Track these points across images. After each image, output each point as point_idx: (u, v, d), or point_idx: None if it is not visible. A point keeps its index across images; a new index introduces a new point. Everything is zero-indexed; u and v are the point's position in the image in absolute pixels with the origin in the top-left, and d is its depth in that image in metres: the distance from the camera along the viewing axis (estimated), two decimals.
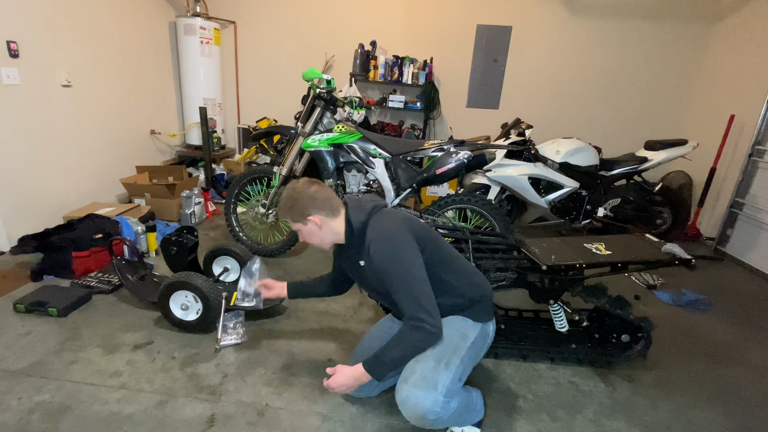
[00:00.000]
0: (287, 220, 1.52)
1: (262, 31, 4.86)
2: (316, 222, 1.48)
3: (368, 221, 1.47)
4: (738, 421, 1.79)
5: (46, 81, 3.06)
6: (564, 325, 2.02)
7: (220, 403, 1.67)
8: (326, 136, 2.80)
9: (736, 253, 3.69)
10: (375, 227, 1.45)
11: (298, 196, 1.48)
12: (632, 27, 4.43)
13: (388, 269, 1.38)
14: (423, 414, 1.35)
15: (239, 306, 2.23)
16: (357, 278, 1.64)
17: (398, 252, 1.39)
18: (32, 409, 1.58)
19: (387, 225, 1.44)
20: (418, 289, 1.36)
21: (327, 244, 1.56)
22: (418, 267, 1.39)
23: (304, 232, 1.53)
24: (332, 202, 1.50)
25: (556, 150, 3.33)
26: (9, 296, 2.32)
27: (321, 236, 1.52)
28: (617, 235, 2.23)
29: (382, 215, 1.49)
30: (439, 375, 1.38)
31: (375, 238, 1.42)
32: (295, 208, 1.48)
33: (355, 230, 1.47)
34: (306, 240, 1.55)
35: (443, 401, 1.36)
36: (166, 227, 3.28)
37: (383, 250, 1.39)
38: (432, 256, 1.46)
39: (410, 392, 1.36)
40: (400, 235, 1.42)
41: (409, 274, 1.37)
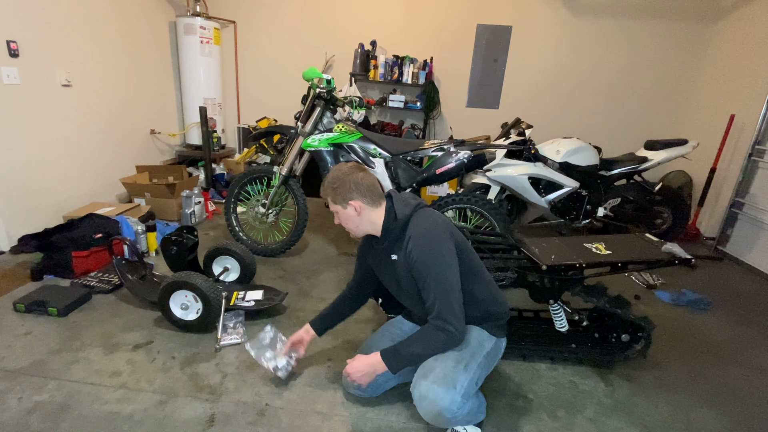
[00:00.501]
0: (328, 198, 1.51)
1: (262, 31, 4.86)
2: (356, 207, 1.47)
3: (412, 216, 1.47)
4: (738, 421, 1.79)
5: (46, 81, 3.06)
6: (564, 324, 2.02)
7: (220, 402, 1.67)
8: (326, 136, 2.80)
9: (736, 252, 3.69)
10: (418, 223, 1.45)
11: (345, 179, 1.47)
12: (632, 27, 4.43)
13: (426, 266, 1.38)
14: (440, 411, 1.36)
15: (239, 306, 2.23)
16: (383, 272, 1.62)
17: (439, 251, 1.40)
18: (32, 408, 1.58)
19: (431, 223, 1.44)
20: (451, 292, 1.37)
21: (361, 232, 1.55)
22: (454, 270, 1.41)
23: (341, 215, 1.52)
24: (375, 191, 1.50)
25: (556, 150, 3.33)
26: (9, 296, 2.32)
27: (357, 222, 1.51)
28: (617, 235, 2.23)
29: (426, 213, 1.49)
30: (458, 375, 1.40)
31: (417, 233, 1.42)
32: (338, 190, 1.47)
33: (398, 222, 1.47)
34: (342, 222, 1.54)
35: (460, 401, 1.37)
36: (166, 227, 3.28)
37: (425, 246, 1.40)
38: (464, 264, 1.47)
39: (430, 388, 1.37)
40: (442, 236, 1.42)
41: (446, 276, 1.38)
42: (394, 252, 1.50)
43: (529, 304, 2.30)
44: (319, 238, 3.50)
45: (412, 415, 1.68)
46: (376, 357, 1.43)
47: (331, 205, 1.52)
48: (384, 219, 1.50)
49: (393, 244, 1.50)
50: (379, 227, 1.51)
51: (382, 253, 1.57)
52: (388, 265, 1.55)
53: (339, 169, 1.51)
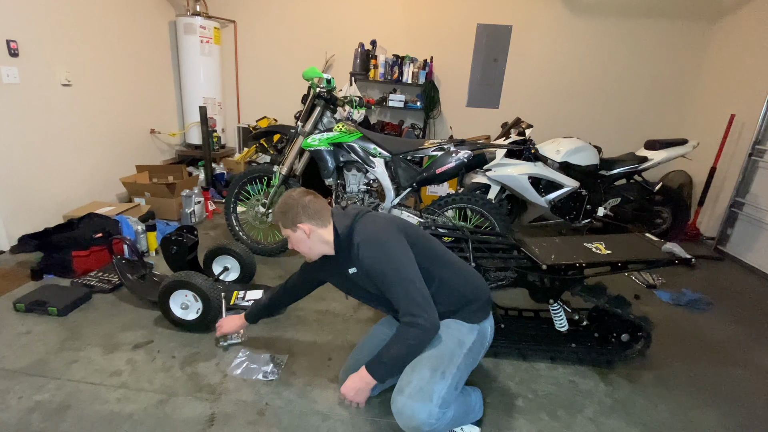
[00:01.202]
0: (278, 224, 1.55)
1: (262, 31, 4.86)
2: (304, 230, 1.51)
3: (353, 226, 1.50)
4: (738, 421, 1.79)
5: (46, 80, 3.06)
6: (564, 324, 2.02)
7: (220, 402, 1.67)
8: (326, 136, 2.80)
9: (736, 252, 3.69)
10: (361, 231, 1.47)
11: (292, 203, 1.51)
12: (632, 26, 4.43)
13: (380, 268, 1.40)
14: (418, 425, 1.35)
15: (240, 306, 2.23)
16: (346, 288, 1.66)
17: (387, 250, 1.41)
18: (32, 408, 1.58)
19: (373, 227, 1.47)
20: (410, 285, 1.38)
21: (315, 254, 1.58)
22: (408, 262, 1.41)
23: (293, 239, 1.56)
24: (323, 213, 1.53)
25: (556, 149, 3.33)
26: (9, 295, 2.32)
27: (309, 244, 1.54)
28: (617, 235, 2.23)
29: (366, 219, 1.51)
30: (434, 386, 1.38)
31: (363, 240, 1.44)
32: (287, 214, 1.51)
33: (341, 236, 1.50)
34: (294, 247, 1.59)
35: (438, 412, 1.36)
36: (166, 226, 3.28)
37: (372, 249, 1.42)
38: (423, 252, 1.48)
39: (405, 404, 1.36)
40: (387, 234, 1.44)
41: (400, 271, 1.39)
42: (351, 265, 1.52)
43: (529, 303, 2.29)
44: None
45: None
46: (362, 371, 1.44)
47: (282, 230, 1.55)
48: (333, 237, 1.53)
49: (346, 258, 1.52)
50: (331, 246, 1.54)
51: (339, 270, 1.58)
52: (349, 280, 1.57)
53: (288, 195, 1.55)
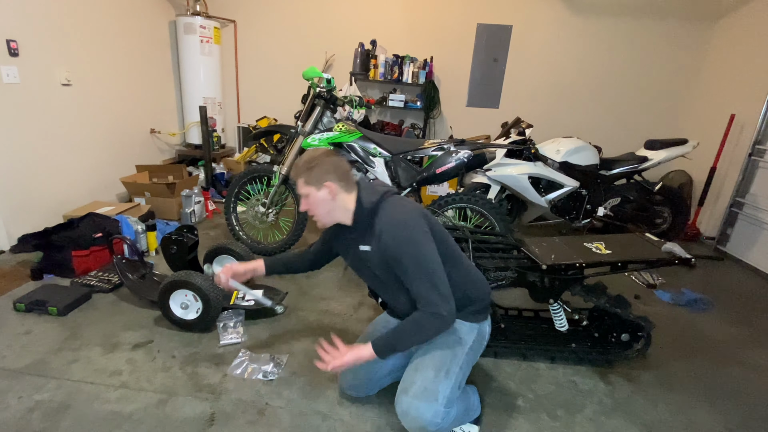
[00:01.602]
0: (299, 180, 1.42)
1: (262, 30, 4.86)
2: (330, 190, 1.40)
3: (380, 204, 1.42)
4: (738, 421, 1.79)
5: (45, 80, 3.06)
6: (564, 324, 2.02)
7: (220, 401, 1.67)
8: (326, 135, 2.80)
9: (736, 252, 3.69)
10: (388, 212, 1.40)
11: (321, 159, 1.40)
12: (633, 26, 4.43)
13: (404, 254, 1.33)
14: (424, 426, 1.35)
15: (240, 306, 2.23)
16: (354, 263, 1.57)
17: (414, 236, 1.35)
18: (32, 407, 1.58)
19: (401, 210, 1.39)
20: (434, 275, 1.33)
21: (331, 220, 1.47)
22: (432, 252, 1.36)
23: (313, 199, 1.43)
24: (350, 177, 1.44)
25: (557, 149, 3.33)
26: (9, 295, 2.32)
27: (329, 207, 1.43)
28: (617, 235, 2.23)
29: (394, 200, 1.44)
30: (439, 385, 1.38)
31: (389, 222, 1.37)
32: (314, 170, 1.39)
33: (364, 211, 1.42)
34: (310, 208, 1.46)
35: (444, 411, 1.36)
36: (166, 226, 3.28)
37: (399, 233, 1.35)
38: (440, 245, 1.41)
39: (411, 404, 1.35)
40: (416, 220, 1.37)
41: (426, 260, 1.34)
42: (365, 243, 1.44)
43: (529, 303, 2.29)
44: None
45: None
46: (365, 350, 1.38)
47: (302, 187, 1.42)
48: (354, 208, 1.44)
49: (363, 234, 1.44)
50: (350, 215, 1.45)
51: (351, 244, 1.50)
52: (359, 257, 1.49)
53: (314, 151, 1.45)
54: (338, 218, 1.47)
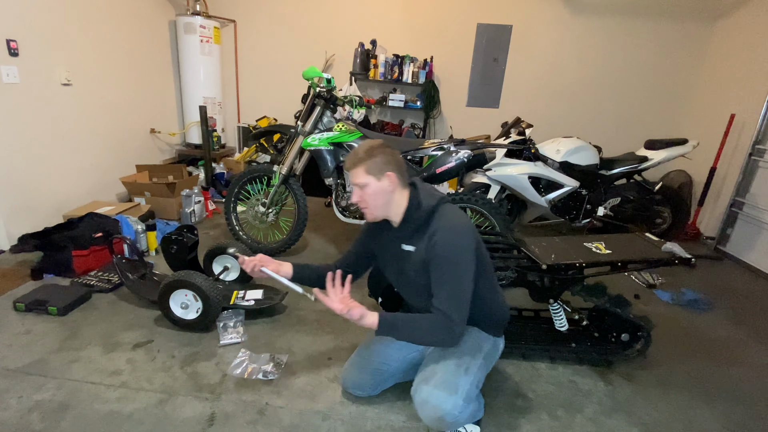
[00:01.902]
0: (359, 168, 1.37)
1: (262, 30, 4.86)
2: (392, 180, 1.38)
3: (438, 207, 1.42)
4: (738, 420, 1.79)
5: (45, 79, 3.06)
6: (564, 324, 2.02)
7: (220, 401, 1.67)
8: (326, 135, 2.80)
9: (736, 252, 3.69)
10: (447, 217, 1.39)
11: (383, 149, 1.38)
12: (633, 26, 4.43)
13: (448, 263, 1.34)
14: (442, 416, 1.35)
15: (240, 305, 2.23)
16: (389, 260, 1.55)
17: (463, 251, 1.36)
18: (32, 407, 1.58)
19: (459, 221, 1.39)
20: (464, 295, 1.35)
21: (384, 213, 1.44)
22: (471, 274, 1.37)
23: (371, 189, 1.38)
24: (405, 172, 1.42)
25: (557, 149, 3.33)
26: (9, 295, 2.32)
27: (387, 200, 1.40)
28: (617, 235, 2.23)
29: (452, 208, 1.44)
30: (459, 379, 1.39)
31: (446, 227, 1.36)
32: (376, 159, 1.36)
33: (422, 210, 1.40)
34: (366, 199, 1.40)
35: (462, 405, 1.37)
36: (166, 226, 3.28)
37: (451, 242, 1.34)
38: (479, 267, 1.43)
39: (431, 393, 1.36)
40: (469, 236, 1.38)
41: (464, 278, 1.35)
42: (411, 243, 1.44)
43: (529, 303, 2.29)
44: (319, 238, 3.50)
45: (412, 413, 1.68)
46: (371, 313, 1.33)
47: (361, 176, 1.37)
48: (407, 206, 1.42)
49: (411, 234, 1.43)
50: (401, 212, 1.43)
51: (392, 241, 1.50)
52: (398, 255, 1.49)
53: (371, 141, 1.41)
54: (391, 213, 1.44)
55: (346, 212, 2.96)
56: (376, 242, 1.62)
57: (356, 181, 1.40)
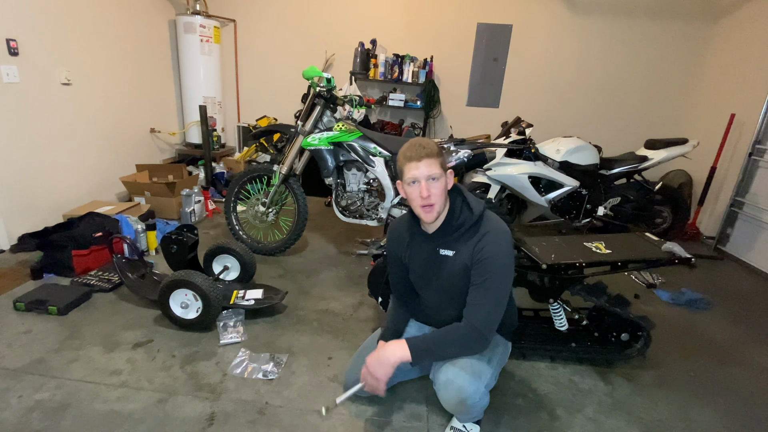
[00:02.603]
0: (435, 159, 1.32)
1: (262, 30, 4.85)
2: (450, 180, 1.38)
3: (484, 213, 1.41)
4: (737, 420, 1.79)
5: (45, 79, 3.06)
6: (564, 323, 2.02)
7: (220, 401, 1.67)
8: (326, 135, 2.80)
9: (736, 252, 3.69)
10: (493, 222, 1.39)
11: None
12: (633, 26, 4.43)
13: (494, 269, 1.33)
14: (465, 398, 1.36)
15: (239, 305, 2.23)
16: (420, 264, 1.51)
17: (509, 260, 1.37)
18: (32, 407, 1.58)
19: (504, 227, 1.39)
20: (502, 304, 1.36)
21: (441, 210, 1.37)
22: (510, 284, 1.39)
23: (441, 184, 1.34)
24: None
25: (557, 149, 3.33)
26: (9, 294, 2.32)
27: (445, 198, 1.37)
28: (617, 234, 2.23)
29: (494, 214, 1.44)
30: (483, 367, 1.41)
31: (496, 232, 1.36)
32: (443, 155, 1.36)
33: (473, 216, 1.38)
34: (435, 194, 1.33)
35: (483, 392, 1.38)
36: (166, 225, 3.28)
37: (502, 249, 1.34)
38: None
39: (458, 374, 1.36)
40: (512, 243, 1.39)
41: (505, 287, 1.36)
42: (451, 247, 1.41)
43: (529, 303, 2.29)
44: (319, 237, 3.50)
45: (412, 413, 1.68)
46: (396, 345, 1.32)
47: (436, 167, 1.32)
48: (449, 209, 1.40)
49: (454, 238, 1.40)
50: (443, 215, 1.40)
51: (426, 247, 1.47)
52: (432, 260, 1.46)
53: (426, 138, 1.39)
54: (441, 212, 1.39)
55: (346, 212, 2.96)
56: (404, 248, 1.57)
57: (430, 172, 1.32)
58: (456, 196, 1.44)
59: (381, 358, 1.34)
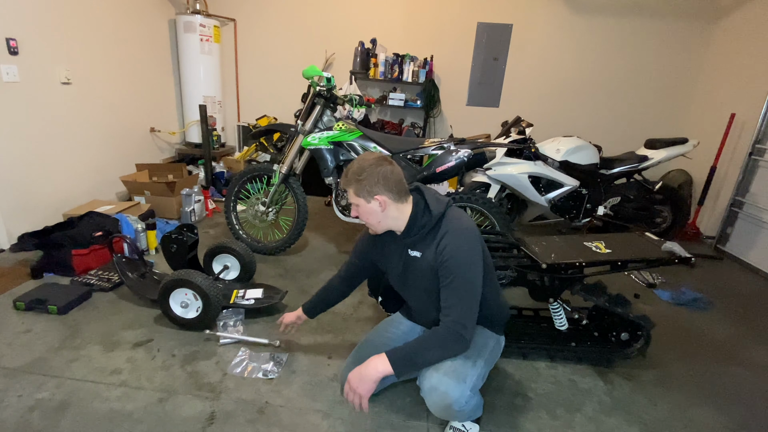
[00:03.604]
0: (350, 190, 1.42)
1: (261, 29, 4.85)
2: (381, 203, 1.39)
3: (445, 212, 1.42)
4: (737, 419, 1.79)
5: (45, 78, 3.06)
6: (563, 323, 2.02)
7: (220, 400, 1.67)
8: (326, 134, 2.80)
9: (735, 251, 3.69)
10: (455, 222, 1.39)
11: (372, 171, 1.37)
12: (633, 25, 4.42)
13: (458, 267, 1.34)
14: (450, 403, 1.36)
15: (239, 304, 2.23)
16: (394, 267, 1.56)
17: (473, 256, 1.36)
18: (33, 406, 1.59)
19: (467, 224, 1.39)
20: (474, 299, 1.36)
21: (382, 228, 1.47)
22: (480, 277, 1.38)
23: (363, 209, 1.42)
24: (402, 186, 1.42)
25: (557, 148, 3.33)
26: (9, 294, 2.32)
27: (379, 218, 1.43)
28: (617, 234, 2.23)
29: (458, 212, 1.45)
30: (467, 370, 1.41)
31: (455, 231, 1.37)
32: (363, 183, 1.38)
33: (431, 218, 1.41)
34: (361, 216, 1.45)
35: (469, 395, 1.38)
36: (166, 225, 3.28)
37: (461, 247, 1.35)
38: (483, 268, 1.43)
39: (441, 380, 1.37)
40: (476, 239, 1.39)
41: (474, 282, 1.36)
42: (417, 249, 1.45)
43: (529, 302, 2.30)
44: (319, 237, 3.50)
45: (412, 413, 1.68)
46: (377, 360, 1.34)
47: (352, 197, 1.42)
48: (411, 213, 1.43)
49: (418, 240, 1.44)
50: (402, 223, 1.44)
51: (397, 248, 1.51)
52: (404, 262, 1.50)
53: (364, 159, 1.41)
54: (389, 226, 1.46)
55: (346, 211, 2.96)
56: (377, 250, 1.63)
57: (350, 200, 1.45)
58: (419, 198, 1.46)
59: (363, 375, 1.34)
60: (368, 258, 1.69)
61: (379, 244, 1.61)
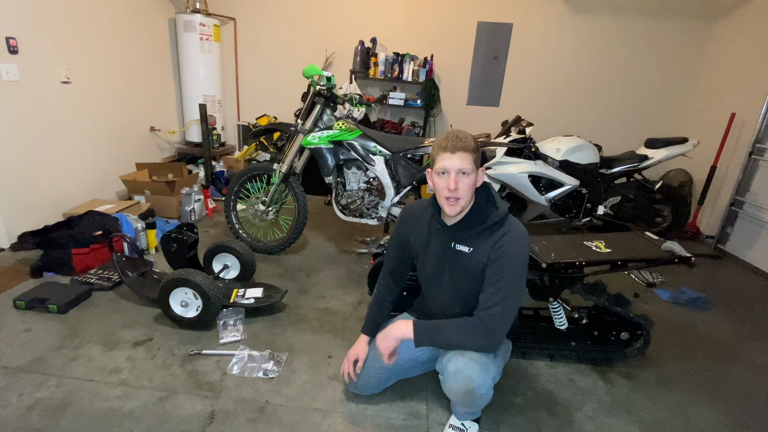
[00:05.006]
0: (470, 155, 1.31)
1: (261, 28, 4.85)
2: (481, 179, 1.37)
3: (509, 214, 1.42)
4: (737, 419, 1.80)
5: (45, 77, 3.05)
6: (563, 322, 2.02)
7: (220, 399, 1.68)
8: (326, 134, 2.80)
9: (735, 251, 3.69)
10: (516, 225, 1.40)
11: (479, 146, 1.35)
12: (633, 25, 4.42)
13: (510, 269, 1.34)
14: (473, 387, 1.36)
15: (239, 304, 2.23)
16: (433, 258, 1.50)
17: (526, 261, 1.38)
18: (32, 405, 1.59)
19: (525, 232, 1.40)
20: (514, 306, 1.36)
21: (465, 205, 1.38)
22: (524, 287, 1.39)
23: (470, 180, 1.33)
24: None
25: (557, 148, 3.32)
26: (9, 293, 2.32)
27: (472, 194, 1.37)
28: (617, 233, 2.23)
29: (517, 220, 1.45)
30: (491, 360, 1.42)
31: (517, 234, 1.37)
32: (479, 153, 1.34)
33: (498, 215, 1.38)
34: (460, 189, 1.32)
35: (489, 386, 1.39)
36: (165, 224, 3.28)
37: (520, 250, 1.35)
38: None
39: (467, 364, 1.36)
40: (529, 249, 1.41)
41: (519, 287, 1.36)
42: (467, 243, 1.41)
43: (529, 302, 2.30)
44: (319, 236, 3.50)
45: (412, 412, 1.68)
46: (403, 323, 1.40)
47: (468, 162, 1.30)
48: (474, 205, 1.40)
49: (474, 236, 1.40)
50: (465, 210, 1.40)
51: (441, 240, 1.47)
52: (447, 255, 1.46)
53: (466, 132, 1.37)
54: (465, 207, 1.39)
55: (346, 211, 2.96)
56: (416, 241, 1.56)
57: (462, 165, 1.31)
58: (483, 194, 1.44)
59: (386, 333, 1.45)
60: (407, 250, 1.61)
61: (424, 231, 1.53)
